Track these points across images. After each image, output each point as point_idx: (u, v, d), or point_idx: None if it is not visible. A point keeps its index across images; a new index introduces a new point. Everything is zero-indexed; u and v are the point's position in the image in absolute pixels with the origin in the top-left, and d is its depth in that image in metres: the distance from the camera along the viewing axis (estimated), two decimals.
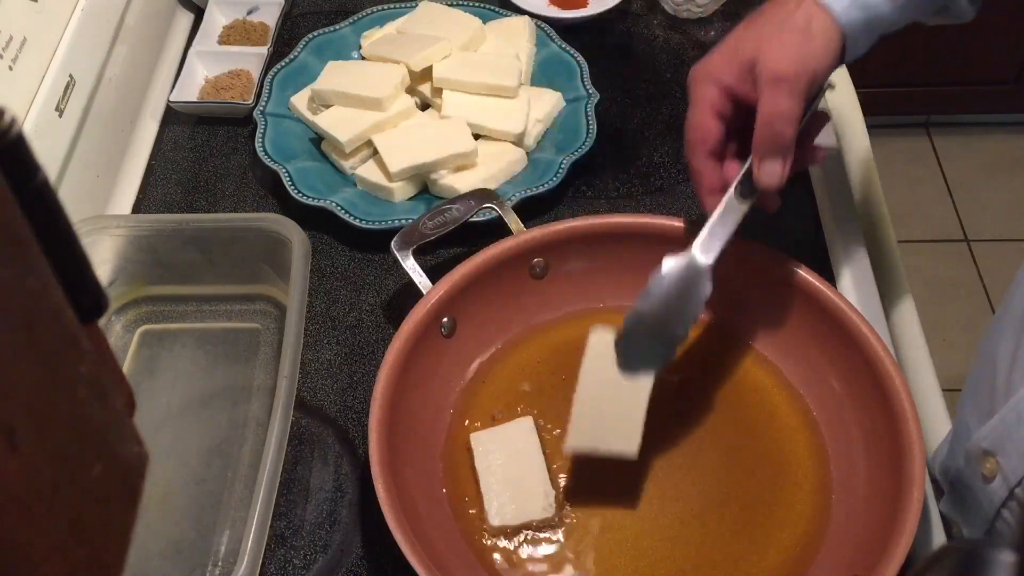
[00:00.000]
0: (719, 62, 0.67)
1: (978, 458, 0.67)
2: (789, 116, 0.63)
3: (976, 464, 0.67)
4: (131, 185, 0.94)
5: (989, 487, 0.66)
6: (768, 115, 0.63)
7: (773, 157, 0.64)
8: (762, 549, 0.67)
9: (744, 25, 0.67)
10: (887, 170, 2.12)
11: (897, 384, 0.67)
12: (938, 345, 1.90)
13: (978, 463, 0.67)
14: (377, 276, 0.86)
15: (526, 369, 0.77)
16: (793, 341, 0.75)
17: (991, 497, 0.66)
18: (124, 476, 0.30)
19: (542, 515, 0.68)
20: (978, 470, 0.67)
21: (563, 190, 0.90)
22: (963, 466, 0.69)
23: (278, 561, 0.69)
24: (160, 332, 0.81)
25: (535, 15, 1.02)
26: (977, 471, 0.67)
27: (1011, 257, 2.10)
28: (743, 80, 0.65)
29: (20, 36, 0.77)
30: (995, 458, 0.66)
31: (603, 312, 0.79)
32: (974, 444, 0.68)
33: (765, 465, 0.71)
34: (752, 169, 0.66)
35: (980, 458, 0.67)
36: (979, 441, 0.67)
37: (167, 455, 0.73)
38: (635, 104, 1.00)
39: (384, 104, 0.90)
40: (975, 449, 0.67)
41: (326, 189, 0.88)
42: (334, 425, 0.77)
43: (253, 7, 1.07)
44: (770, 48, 0.63)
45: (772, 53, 0.63)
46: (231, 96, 0.98)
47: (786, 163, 0.65)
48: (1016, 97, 2.19)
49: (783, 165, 0.65)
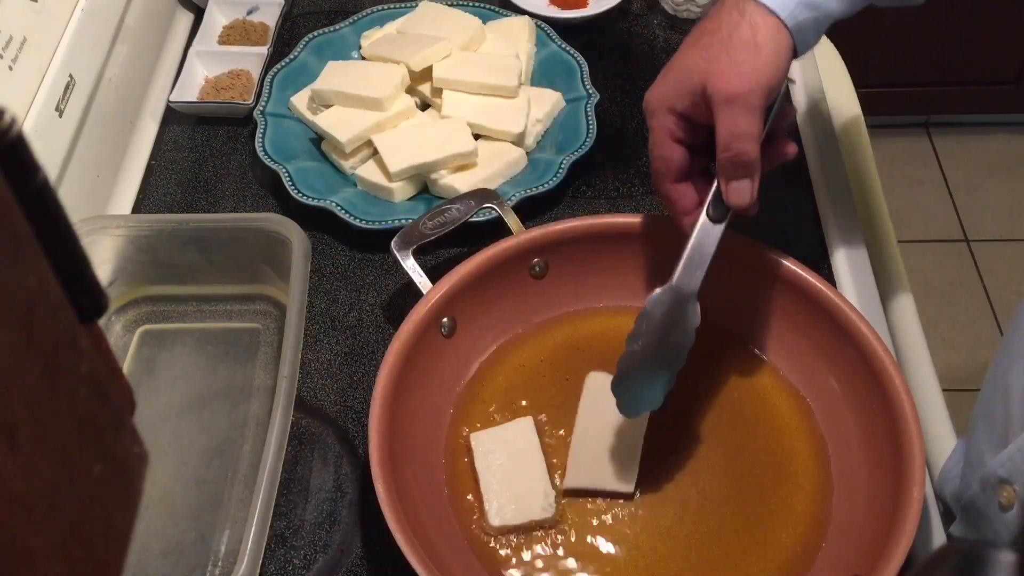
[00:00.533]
0: (669, 89, 0.65)
1: (994, 486, 0.66)
2: (748, 134, 0.62)
3: (992, 492, 0.67)
4: (131, 185, 0.94)
5: (1006, 516, 0.66)
6: (727, 137, 0.62)
7: (740, 178, 0.63)
8: (762, 549, 0.67)
9: (688, 45, 0.65)
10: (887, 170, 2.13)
11: (897, 384, 0.67)
12: (938, 345, 1.90)
13: (994, 491, 0.66)
14: (377, 276, 0.86)
15: (526, 369, 0.77)
16: (793, 341, 0.75)
17: (1009, 526, 0.66)
18: (124, 476, 0.30)
19: (542, 515, 0.68)
20: (994, 498, 0.66)
21: (563, 190, 0.90)
22: (978, 493, 0.69)
23: (278, 561, 0.69)
24: (160, 332, 0.81)
25: (535, 15, 1.02)
26: (993, 499, 0.67)
27: (1011, 257, 2.10)
28: (696, 105, 0.64)
29: (20, 36, 0.77)
30: (1012, 487, 0.65)
31: (603, 312, 0.79)
32: (990, 472, 0.67)
33: (765, 465, 0.71)
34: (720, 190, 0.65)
35: (997, 486, 0.66)
36: (995, 469, 0.66)
37: (167, 455, 0.73)
38: (635, 104, 1.00)
39: (384, 104, 0.90)
40: (991, 477, 0.67)
41: (326, 189, 0.88)
42: (334, 425, 0.77)
43: (253, 7, 1.07)
44: (718, 69, 0.61)
45: (721, 74, 0.61)
46: (231, 96, 0.98)
47: (754, 180, 0.64)
48: (1016, 97, 2.19)
49: (751, 182, 0.64)
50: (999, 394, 0.71)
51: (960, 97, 2.23)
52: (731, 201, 0.64)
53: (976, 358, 1.91)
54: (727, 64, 0.61)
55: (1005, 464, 0.66)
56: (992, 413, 0.72)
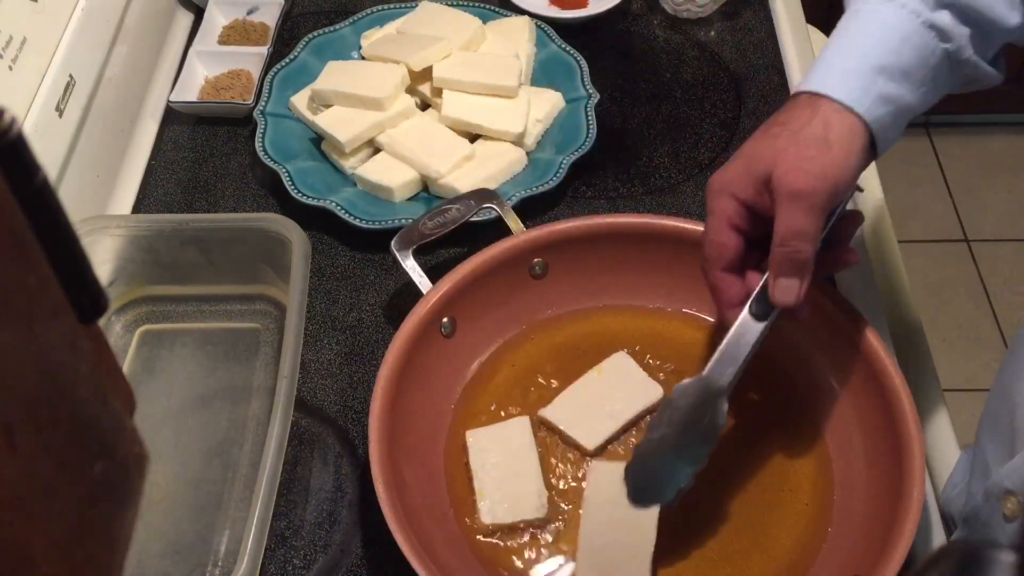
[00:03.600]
0: (735, 175, 0.63)
1: (999, 497, 0.66)
2: (807, 233, 0.59)
3: (997, 503, 0.66)
4: (131, 185, 0.94)
5: (1010, 526, 0.65)
6: (784, 233, 0.59)
7: (790, 276, 0.61)
8: (762, 549, 0.67)
9: (759, 134, 0.63)
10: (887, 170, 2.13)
11: (897, 384, 0.67)
12: (938, 345, 1.90)
13: (999, 502, 0.66)
14: (377, 276, 0.86)
15: (526, 369, 0.77)
16: (793, 341, 0.75)
17: (1011, 537, 0.65)
18: (124, 476, 0.30)
19: (534, 515, 0.68)
20: (999, 508, 0.66)
21: (563, 190, 0.90)
22: (982, 504, 0.68)
23: (278, 561, 0.69)
24: (160, 332, 0.81)
25: (535, 15, 1.02)
26: (998, 509, 0.66)
27: (1011, 257, 2.10)
28: (760, 194, 0.61)
29: (20, 36, 0.77)
30: (1017, 498, 0.65)
31: (603, 312, 0.79)
32: (995, 483, 0.67)
33: (765, 465, 0.71)
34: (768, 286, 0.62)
35: (1002, 497, 0.66)
36: (1001, 480, 0.66)
37: (167, 455, 0.73)
38: (635, 104, 1.00)
39: (384, 104, 0.90)
40: (996, 488, 0.66)
41: (326, 189, 0.88)
42: (334, 425, 0.77)
43: (253, 7, 1.07)
44: (785, 162, 0.59)
45: (788, 167, 0.59)
46: (231, 96, 0.98)
47: (803, 280, 0.61)
48: (1016, 97, 2.19)
49: (800, 283, 0.61)
50: (1005, 406, 0.70)
51: (960, 97, 2.21)
52: (777, 298, 0.61)
53: (976, 358, 1.91)
54: (795, 158, 0.59)
55: (1011, 475, 0.65)
56: (998, 425, 0.71)
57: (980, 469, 0.72)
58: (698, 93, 1.00)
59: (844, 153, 0.59)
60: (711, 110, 0.99)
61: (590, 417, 0.72)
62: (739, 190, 0.62)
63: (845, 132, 0.60)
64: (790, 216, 0.59)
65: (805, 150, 0.59)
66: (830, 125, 0.60)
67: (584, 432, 0.71)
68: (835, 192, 0.59)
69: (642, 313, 0.79)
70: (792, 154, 0.59)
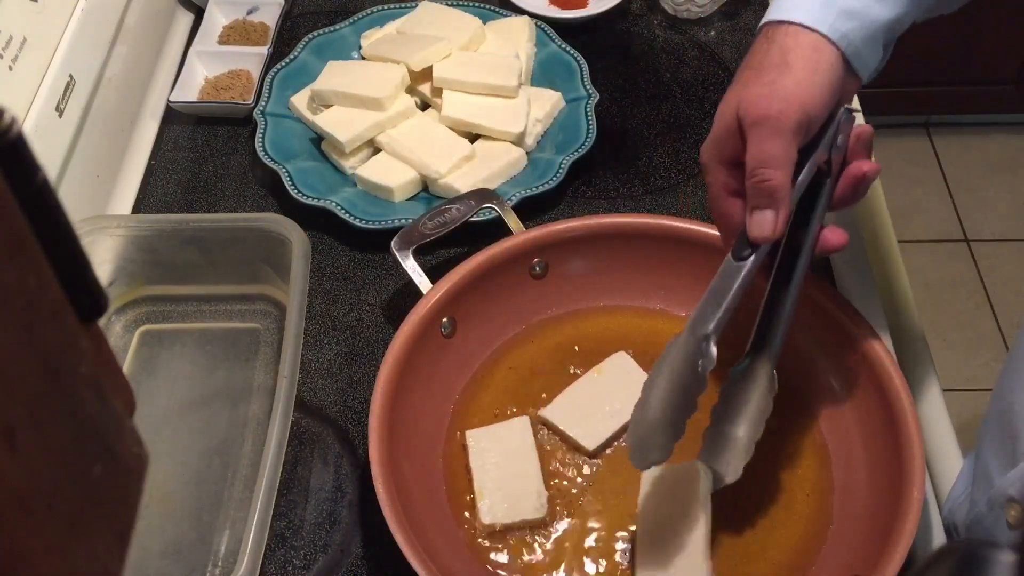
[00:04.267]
0: (714, 137, 0.62)
1: (1003, 505, 0.66)
2: (774, 158, 0.57)
3: (1000, 511, 0.66)
4: (131, 185, 0.94)
5: (1014, 534, 0.65)
6: (752, 163, 0.58)
7: (763, 208, 0.58)
8: (762, 549, 0.67)
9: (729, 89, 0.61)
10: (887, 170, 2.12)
11: (897, 384, 0.67)
12: (938, 345, 1.90)
13: (1003, 510, 0.66)
14: (377, 276, 0.86)
15: (526, 369, 0.77)
16: (792, 341, 0.75)
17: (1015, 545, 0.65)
18: (124, 476, 0.30)
19: (534, 515, 0.68)
20: (1002, 516, 0.66)
21: (563, 190, 0.90)
22: (985, 511, 0.68)
23: (278, 561, 0.69)
24: (160, 332, 0.81)
25: (535, 15, 1.02)
26: (1001, 517, 0.66)
27: (1011, 257, 2.10)
28: (738, 144, 0.59)
29: (20, 36, 0.77)
30: (1020, 506, 0.64)
31: (603, 312, 0.79)
32: (998, 491, 0.66)
33: (765, 466, 0.71)
34: None
35: (1005, 505, 0.66)
36: (1004, 488, 0.66)
37: (167, 455, 0.73)
38: (635, 104, 1.00)
39: (384, 104, 0.90)
40: (999, 496, 0.66)
41: (326, 189, 0.88)
42: (334, 425, 0.76)
43: (253, 7, 1.07)
44: (747, 94, 0.58)
45: (749, 101, 0.57)
46: (231, 96, 0.98)
47: (779, 211, 0.58)
48: (1016, 97, 2.19)
49: (775, 214, 0.58)
50: (1006, 413, 0.70)
51: (960, 97, 2.22)
52: (752, 232, 0.59)
53: (976, 358, 1.91)
54: (755, 87, 0.58)
55: (1015, 484, 0.65)
56: (999, 432, 0.71)
57: (982, 477, 0.71)
58: (698, 93, 1.01)
59: (807, 72, 0.57)
60: (711, 110, 0.98)
61: (590, 417, 0.72)
62: (723, 151, 0.61)
63: (807, 51, 0.58)
64: (755, 144, 0.57)
65: (764, 77, 0.58)
66: (788, 49, 0.58)
67: (584, 432, 0.72)
68: (803, 111, 0.57)
69: (642, 313, 0.79)
70: (754, 84, 0.58)
